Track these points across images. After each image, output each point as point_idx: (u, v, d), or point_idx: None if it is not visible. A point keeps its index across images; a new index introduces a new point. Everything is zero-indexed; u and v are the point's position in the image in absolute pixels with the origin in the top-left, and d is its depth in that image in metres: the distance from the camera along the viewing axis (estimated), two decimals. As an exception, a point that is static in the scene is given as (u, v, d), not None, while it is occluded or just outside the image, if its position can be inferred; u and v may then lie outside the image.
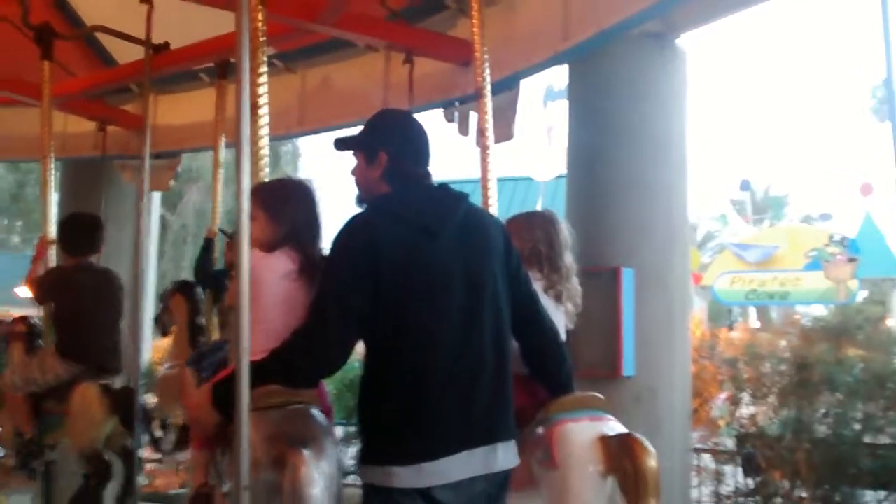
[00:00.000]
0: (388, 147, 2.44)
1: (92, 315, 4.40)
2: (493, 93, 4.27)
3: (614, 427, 2.79)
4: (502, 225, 2.62)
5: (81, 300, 4.38)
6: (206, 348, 4.57)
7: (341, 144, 2.57)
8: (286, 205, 2.81)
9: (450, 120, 5.26)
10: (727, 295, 17.50)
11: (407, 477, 2.20)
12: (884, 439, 5.68)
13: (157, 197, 8.44)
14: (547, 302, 2.94)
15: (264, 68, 3.64)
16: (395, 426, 2.25)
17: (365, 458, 2.31)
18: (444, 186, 2.47)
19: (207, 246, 5.16)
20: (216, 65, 5.76)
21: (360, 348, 2.36)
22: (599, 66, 5.49)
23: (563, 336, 2.93)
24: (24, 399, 4.43)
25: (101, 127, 6.50)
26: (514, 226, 3.21)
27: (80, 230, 4.59)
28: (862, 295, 17.36)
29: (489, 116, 4.13)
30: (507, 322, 2.42)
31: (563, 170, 6.08)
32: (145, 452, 5.31)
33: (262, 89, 3.60)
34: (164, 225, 20.58)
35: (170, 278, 6.04)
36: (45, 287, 4.55)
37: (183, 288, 4.91)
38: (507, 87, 4.96)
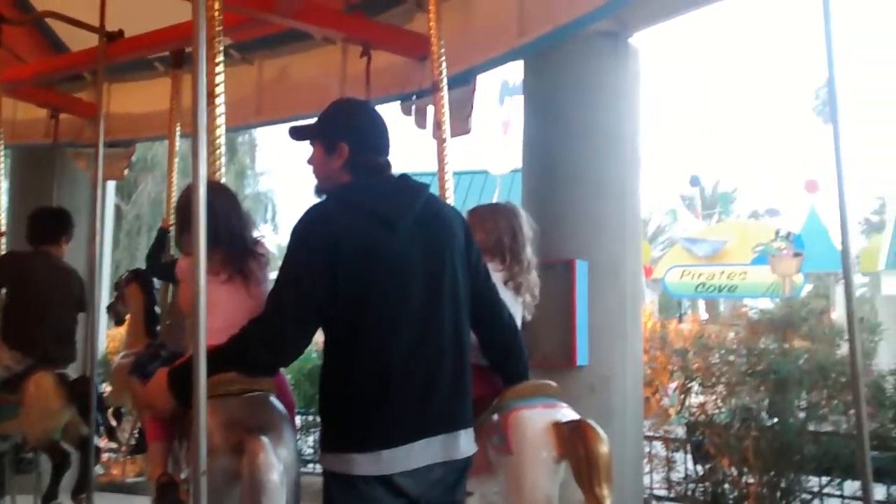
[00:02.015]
0: (349, 137, 2.42)
1: (43, 304, 4.33)
2: (450, 87, 4.31)
3: (567, 414, 2.85)
4: (462, 217, 2.61)
5: (33, 288, 4.31)
6: (144, 356, 4.55)
7: (298, 134, 2.55)
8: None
9: (407, 113, 5.28)
10: (677, 288, 17.81)
11: (366, 464, 2.22)
12: (826, 427, 5.85)
13: (111, 186, 8.31)
14: (506, 293, 2.99)
15: (221, 58, 3.63)
16: (354, 414, 2.27)
17: (325, 446, 2.32)
18: (404, 177, 2.47)
19: (161, 236, 5.12)
20: (171, 54, 5.69)
21: (318, 338, 2.38)
22: (554, 63, 5.56)
23: (519, 327, 2.98)
24: None
25: (53, 114, 6.38)
26: (478, 216, 3.26)
27: (43, 221, 4.57)
28: (807, 289, 17.80)
29: (445, 110, 4.17)
30: (466, 313, 2.44)
31: (519, 164, 6.14)
32: (101, 442, 5.27)
33: (219, 79, 3.58)
34: (118, 215, 20.27)
35: (124, 268, 5.97)
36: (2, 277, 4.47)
37: (138, 277, 4.86)
38: (463, 81, 5.00)
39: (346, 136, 2.43)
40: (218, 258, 2.78)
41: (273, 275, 2.42)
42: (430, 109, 4.75)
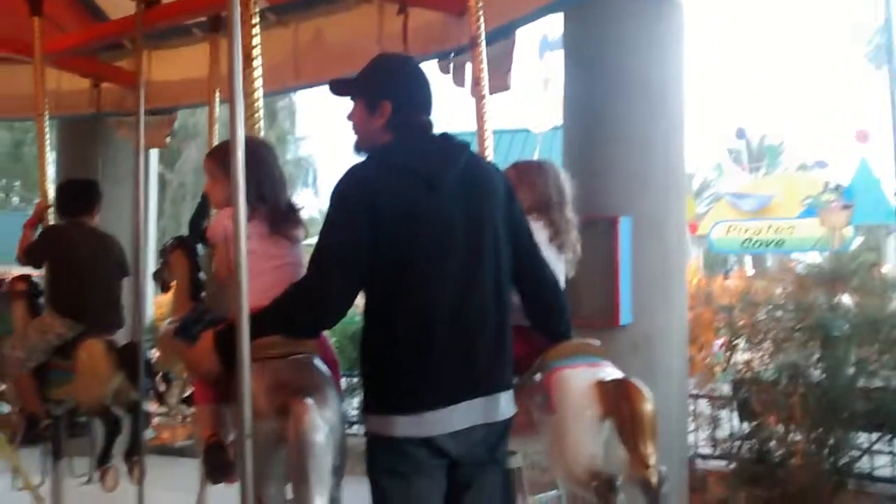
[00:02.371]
0: (392, 96, 2.39)
1: (88, 271, 4.40)
2: (489, 42, 4.23)
3: (611, 372, 2.83)
4: (503, 175, 2.58)
5: (76, 256, 4.38)
6: (189, 319, 4.59)
7: (338, 88, 2.52)
8: (249, 166, 2.82)
9: (445, 71, 5.22)
10: (723, 243, 17.57)
11: (408, 426, 2.23)
12: (877, 382, 5.76)
13: (154, 155, 8.40)
14: (549, 251, 2.98)
15: (257, 20, 3.61)
16: (396, 377, 2.27)
17: (368, 408, 2.34)
18: (445, 136, 2.43)
19: (204, 202, 5.14)
20: (208, 19, 5.68)
21: (359, 301, 2.38)
22: (595, 15, 5.45)
23: (563, 285, 2.96)
24: (31, 376, 4.39)
25: (95, 84, 6.43)
26: (521, 172, 3.24)
27: (74, 193, 4.64)
28: (857, 242, 17.43)
29: (484, 66, 4.11)
30: (508, 273, 2.42)
31: (560, 121, 6.06)
32: (151, 406, 5.38)
33: (256, 41, 3.56)
34: (163, 183, 20.54)
35: (170, 236, 6.04)
36: (40, 247, 4.53)
37: (182, 244, 4.90)
38: (502, 35, 4.91)
39: (388, 94, 2.39)
40: (262, 216, 2.78)
41: (313, 239, 2.43)
42: (469, 67, 4.68)
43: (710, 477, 6.20)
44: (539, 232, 2.75)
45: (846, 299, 6.18)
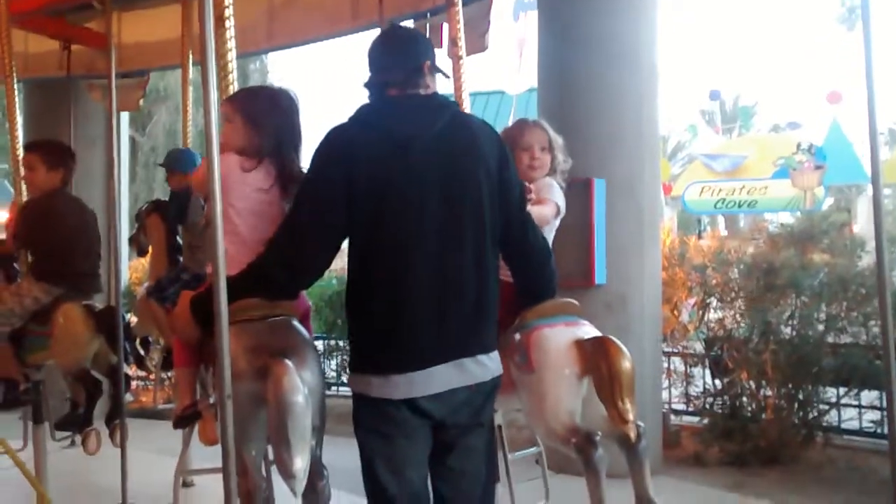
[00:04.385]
0: (368, 63, 2.44)
1: (71, 239, 4.35)
2: (465, 3, 4.22)
3: (589, 331, 2.86)
4: (497, 135, 2.51)
5: (61, 225, 4.32)
6: (165, 279, 4.58)
7: None
8: (270, 115, 2.76)
9: (421, 32, 5.19)
10: (697, 204, 17.70)
11: (384, 387, 2.26)
12: (845, 339, 5.87)
13: (125, 119, 8.28)
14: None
15: (228, -20, 3.54)
16: (371, 338, 2.30)
17: (349, 366, 2.39)
18: (430, 96, 2.41)
19: (179, 198, 5.07)
20: (180, -21, 5.60)
21: (337, 265, 2.38)
22: (569, -24, 5.43)
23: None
24: (8, 342, 4.33)
25: (64, 46, 6.30)
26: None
27: (56, 151, 4.51)
28: (828, 202, 17.63)
29: (461, 27, 4.09)
30: (493, 234, 2.38)
31: (535, 83, 6.05)
32: (131, 370, 5.38)
33: (227, 1, 3.51)
34: (134, 147, 20.26)
35: (143, 200, 5.99)
36: (29, 228, 4.37)
37: (158, 207, 4.88)
38: (478, -4, 4.89)
39: (368, 63, 2.45)
40: (275, 173, 2.72)
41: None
42: (446, 27, 4.66)
43: (684, 432, 6.33)
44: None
45: (817, 258, 6.26)
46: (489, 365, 2.39)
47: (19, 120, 5.17)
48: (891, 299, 2.66)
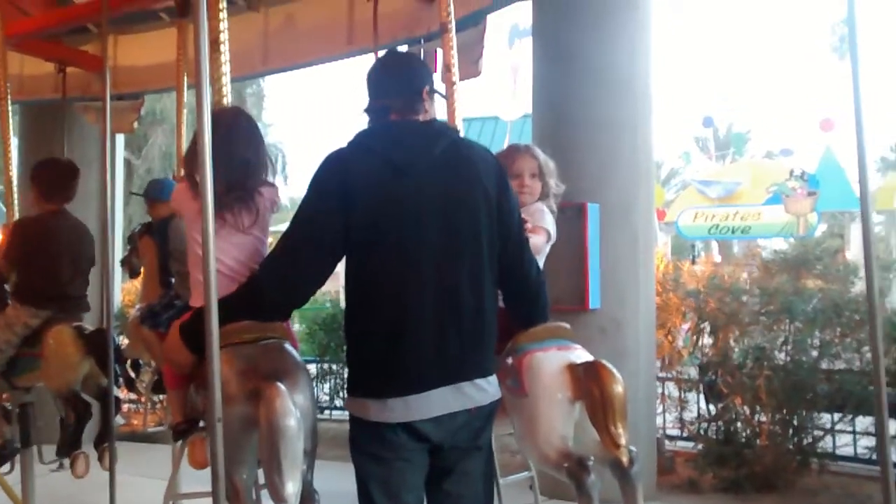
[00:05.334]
0: (367, 88, 2.47)
1: (61, 262, 4.31)
2: (459, 28, 4.23)
3: (581, 355, 2.84)
4: (497, 162, 2.52)
5: (51, 246, 4.28)
6: (158, 305, 4.56)
7: None
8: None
9: (415, 58, 5.22)
10: (690, 230, 17.76)
11: (381, 411, 2.25)
12: (839, 364, 5.87)
13: (121, 141, 8.29)
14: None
15: (223, 4, 3.57)
16: (368, 362, 2.29)
17: (348, 389, 2.39)
18: (429, 122, 2.43)
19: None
20: (176, 3, 5.59)
21: (330, 287, 2.38)
22: (565, 4, 5.48)
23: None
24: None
25: (60, 68, 6.31)
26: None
27: (58, 176, 4.47)
28: (821, 228, 17.70)
29: (454, 52, 4.11)
30: (490, 260, 2.38)
31: (530, 109, 6.08)
32: (121, 393, 5.34)
33: (222, 25, 3.52)
34: (129, 169, 20.27)
35: (137, 222, 5.99)
36: (18, 248, 4.29)
37: (151, 230, 4.87)
38: (472, 22, 4.92)
39: (368, 84, 2.49)
40: (224, 190, 2.62)
41: (284, 225, 2.42)
42: (440, 53, 4.68)
43: (678, 458, 6.30)
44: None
45: (810, 284, 6.28)
46: (488, 389, 2.38)
47: (13, 141, 5.17)
48: (883, 326, 2.65)
